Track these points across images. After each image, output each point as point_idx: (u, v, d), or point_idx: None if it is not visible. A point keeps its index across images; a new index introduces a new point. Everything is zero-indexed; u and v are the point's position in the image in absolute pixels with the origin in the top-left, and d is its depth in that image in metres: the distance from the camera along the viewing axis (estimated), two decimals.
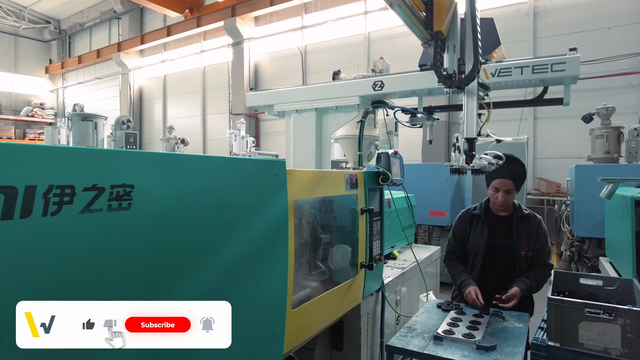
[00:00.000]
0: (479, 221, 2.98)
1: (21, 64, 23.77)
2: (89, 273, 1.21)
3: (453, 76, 2.25)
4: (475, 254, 2.96)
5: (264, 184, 1.89)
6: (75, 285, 1.18)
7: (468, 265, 3.03)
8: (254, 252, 1.80)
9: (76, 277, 1.18)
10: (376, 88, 3.04)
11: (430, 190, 6.64)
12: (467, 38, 2.17)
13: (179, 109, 18.96)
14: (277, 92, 3.53)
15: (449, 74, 2.25)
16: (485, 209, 3.01)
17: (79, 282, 1.19)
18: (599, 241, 6.40)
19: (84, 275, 1.20)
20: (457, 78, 2.24)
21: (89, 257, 1.20)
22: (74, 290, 1.18)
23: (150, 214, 1.36)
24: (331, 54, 13.97)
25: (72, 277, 1.17)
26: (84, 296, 1.20)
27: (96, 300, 1.22)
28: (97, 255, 1.22)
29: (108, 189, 1.25)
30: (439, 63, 2.20)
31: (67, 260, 1.15)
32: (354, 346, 3.14)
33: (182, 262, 1.47)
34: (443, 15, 2.18)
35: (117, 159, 1.29)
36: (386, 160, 3.01)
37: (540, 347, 2.45)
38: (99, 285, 1.24)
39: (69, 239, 1.14)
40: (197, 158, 1.55)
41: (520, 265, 2.87)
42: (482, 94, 2.47)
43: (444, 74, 2.22)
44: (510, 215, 2.93)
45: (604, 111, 7.83)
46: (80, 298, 1.19)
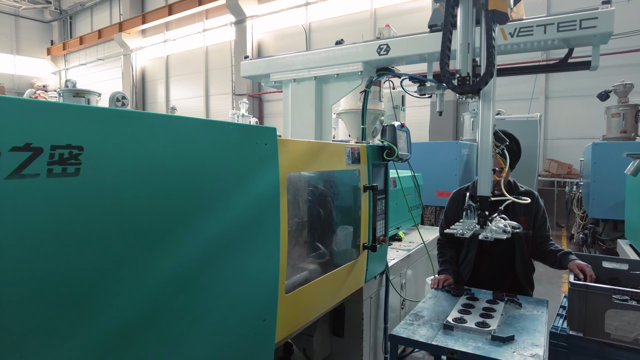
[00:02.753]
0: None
1: (23, 46, 23.50)
2: (20, 261, 0.96)
3: (467, 79, 1.99)
4: (471, 237, 2.73)
5: (250, 153, 1.65)
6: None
7: (462, 249, 2.80)
8: (238, 230, 1.57)
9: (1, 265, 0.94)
10: (381, 52, 2.75)
11: (438, 169, 6.38)
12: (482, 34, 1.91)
13: (181, 90, 18.70)
14: (273, 59, 3.25)
15: (462, 77, 2.00)
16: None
17: (7, 272, 0.94)
18: (615, 223, 6.13)
19: (11, 262, 0.95)
20: (472, 81, 1.98)
21: (20, 235, 0.96)
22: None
23: (104, 182, 1.13)
24: (336, 32, 13.54)
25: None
26: (15, 295, 0.96)
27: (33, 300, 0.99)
28: (32, 234, 0.99)
29: (47, 150, 1.02)
30: (446, 66, 1.94)
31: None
32: (355, 332, 2.96)
33: (146, 241, 1.23)
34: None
35: (59, 114, 1.05)
36: (392, 132, 2.75)
37: (561, 337, 2.22)
38: (34, 278, 0.99)
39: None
40: (165, 117, 1.30)
41: (521, 245, 2.63)
42: (498, 147, 2.23)
43: (456, 77, 2.00)
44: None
45: (622, 88, 7.47)
46: (10, 297, 0.95)
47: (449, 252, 2.85)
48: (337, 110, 4.33)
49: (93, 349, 1.11)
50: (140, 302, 1.22)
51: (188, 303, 1.38)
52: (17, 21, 23.08)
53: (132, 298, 1.20)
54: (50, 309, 1.02)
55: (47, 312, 1.02)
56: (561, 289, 5.90)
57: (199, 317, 1.44)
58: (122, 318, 1.18)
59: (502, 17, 1.91)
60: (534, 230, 2.69)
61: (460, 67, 2.01)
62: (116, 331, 1.16)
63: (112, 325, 1.15)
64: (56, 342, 1.04)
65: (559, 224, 10.21)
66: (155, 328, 1.28)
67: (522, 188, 2.74)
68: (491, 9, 1.88)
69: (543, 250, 2.66)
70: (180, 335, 1.37)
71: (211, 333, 1.50)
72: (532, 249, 2.69)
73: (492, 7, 1.88)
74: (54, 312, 1.03)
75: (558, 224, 10.25)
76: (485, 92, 2.08)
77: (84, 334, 1.09)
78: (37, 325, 1.00)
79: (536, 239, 2.68)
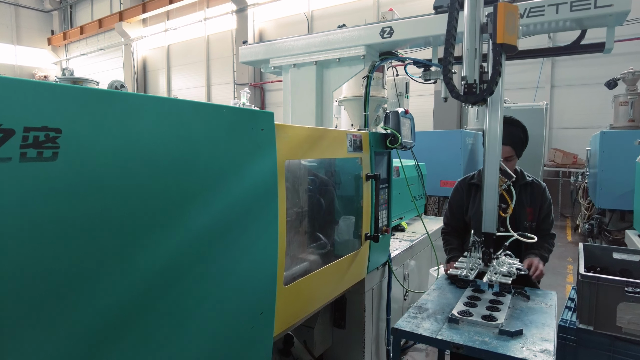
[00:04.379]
0: (478, 190, 2.63)
1: (23, 36, 23.35)
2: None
3: (474, 87, 1.89)
4: (475, 227, 2.64)
5: (245, 139, 1.56)
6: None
7: (468, 239, 2.71)
8: (232, 220, 1.49)
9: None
10: (384, 35, 2.64)
11: (442, 159, 6.28)
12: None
13: (183, 79, 18.59)
14: (272, 43, 3.14)
15: (469, 84, 1.90)
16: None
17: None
18: (623, 213, 6.03)
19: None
20: (479, 89, 1.89)
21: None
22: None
23: (86, 168, 1.05)
24: (338, 20, 13.23)
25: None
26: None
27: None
28: (2, 224, 0.90)
29: (20, 132, 0.93)
30: (449, 74, 1.85)
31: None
32: (357, 324, 2.91)
33: (132, 233, 1.15)
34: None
35: (33, 93, 0.96)
36: (395, 119, 2.65)
37: (570, 331, 2.15)
38: (4, 273, 0.91)
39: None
40: (152, 99, 1.21)
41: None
42: (505, 183, 2.20)
43: (462, 85, 1.89)
44: (511, 184, 2.59)
45: (631, 76, 7.32)
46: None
47: (455, 241, 2.78)
48: (339, 98, 4.22)
49: (72, 348, 1.04)
50: (126, 297, 1.15)
51: (180, 297, 1.31)
52: (17, 10, 22.90)
53: (118, 293, 1.12)
54: (24, 306, 0.95)
55: (19, 310, 0.94)
56: (566, 279, 5.83)
57: (191, 311, 1.36)
58: (107, 314, 1.10)
59: (511, 49, 1.85)
60: (537, 223, 2.60)
61: (466, 73, 1.92)
62: (100, 328, 1.09)
63: (94, 322, 1.07)
64: (29, 342, 0.96)
65: (564, 214, 10.11)
66: (145, 323, 1.21)
67: (529, 178, 2.64)
68: (499, 42, 1.81)
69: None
70: (172, 329, 1.30)
71: (205, 327, 1.43)
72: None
73: (500, 41, 1.80)
74: (28, 310, 0.95)
75: (563, 215, 10.16)
76: (493, 98, 2.01)
77: (60, 333, 1.01)
78: (9, 323, 0.93)
79: (538, 231, 2.59)
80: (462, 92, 1.92)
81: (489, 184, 2.12)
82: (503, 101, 2.08)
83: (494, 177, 2.11)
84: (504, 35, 1.79)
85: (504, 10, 1.78)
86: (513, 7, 1.81)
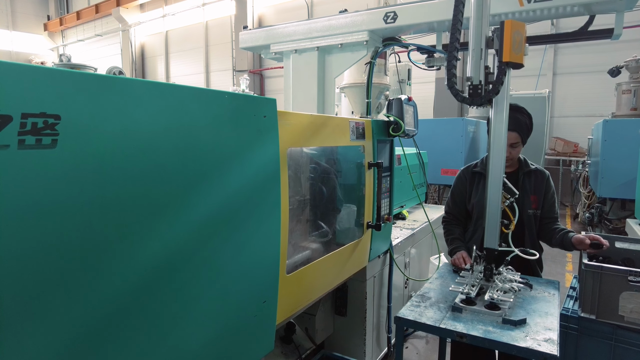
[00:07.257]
0: (481, 179, 2.61)
1: (19, 21, 23.01)
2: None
3: (479, 87, 1.85)
4: (478, 215, 2.62)
5: (247, 126, 1.53)
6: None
7: (470, 227, 2.69)
8: (235, 208, 1.47)
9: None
10: (388, 20, 2.59)
11: (443, 147, 6.24)
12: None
13: (181, 66, 18.40)
14: (273, 29, 3.08)
15: (474, 85, 1.86)
16: (487, 165, 2.63)
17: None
18: (623, 202, 6.02)
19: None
20: (484, 90, 1.85)
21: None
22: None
23: (85, 156, 1.02)
24: (339, 6, 12.98)
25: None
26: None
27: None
28: (1, 212, 0.88)
29: (18, 119, 0.91)
30: (453, 78, 1.81)
31: None
32: (358, 311, 2.92)
33: (133, 221, 1.13)
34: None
35: (31, 78, 0.93)
36: (398, 106, 2.62)
37: (572, 319, 2.15)
38: (3, 260, 0.89)
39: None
40: (152, 85, 1.18)
41: (529, 225, 2.52)
42: (508, 199, 2.15)
43: (467, 86, 1.85)
44: (515, 171, 2.57)
45: (634, 64, 7.25)
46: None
47: (456, 230, 2.75)
48: (341, 85, 4.17)
49: (74, 335, 1.02)
50: (129, 284, 1.14)
51: (182, 285, 1.30)
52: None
53: (120, 280, 1.11)
54: (24, 295, 0.93)
55: (19, 299, 0.92)
56: (565, 268, 5.85)
57: (194, 299, 1.35)
58: (108, 303, 1.09)
59: (517, 65, 1.83)
60: (542, 211, 2.57)
61: (472, 74, 1.87)
62: (103, 315, 1.08)
63: (97, 310, 1.06)
64: (29, 330, 0.95)
65: (564, 203, 10.11)
66: (147, 310, 1.20)
67: (533, 166, 2.61)
68: (505, 61, 1.77)
69: (549, 229, 2.55)
70: (175, 317, 1.29)
71: (208, 315, 1.42)
72: (539, 228, 2.59)
73: (506, 59, 1.77)
74: (27, 298, 0.94)
75: (563, 203, 10.16)
76: (499, 98, 1.97)
77: (64, 320, 1.00)
78: (9, 312, 0.91)
79: (544, 219, 2.57)
80: (468, 94, 1.89)
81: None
82: (509, 96, 2.05)
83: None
84: (510, 54, 1.76)
85: (510, 28, 1.74)
86: (520, 26, 1.78)
